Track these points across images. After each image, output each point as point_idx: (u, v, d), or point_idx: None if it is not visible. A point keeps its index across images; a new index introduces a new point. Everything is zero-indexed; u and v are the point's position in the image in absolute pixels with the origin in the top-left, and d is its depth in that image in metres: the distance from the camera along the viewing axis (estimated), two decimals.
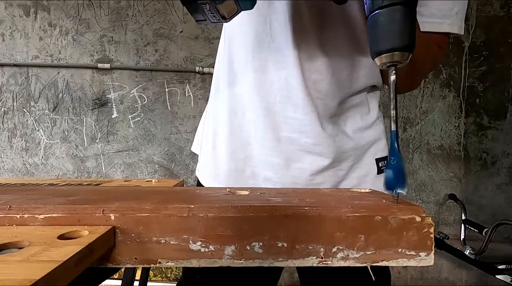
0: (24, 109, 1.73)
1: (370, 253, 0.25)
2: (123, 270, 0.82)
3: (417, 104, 1.74)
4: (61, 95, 1.72)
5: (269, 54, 0.49)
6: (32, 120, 1.73)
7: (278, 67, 0.49)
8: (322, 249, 0.25)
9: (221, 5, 0.33)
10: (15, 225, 0.24)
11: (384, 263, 0.25)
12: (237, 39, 0.53)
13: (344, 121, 0.53)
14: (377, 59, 0.29)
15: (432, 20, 0.46)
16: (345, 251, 0.25)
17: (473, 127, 1.73)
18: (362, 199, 0.30)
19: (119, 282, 0.72)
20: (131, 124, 1.74)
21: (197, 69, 1.69)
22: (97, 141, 1.74)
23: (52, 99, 1.72)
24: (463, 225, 1.55)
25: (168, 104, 1.73)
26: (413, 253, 0.25)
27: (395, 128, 0.28)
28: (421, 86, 1.72)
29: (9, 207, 0.25)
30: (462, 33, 0.47)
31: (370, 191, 0.36)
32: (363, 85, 0.52)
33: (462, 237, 1.55)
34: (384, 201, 0.29)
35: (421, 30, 0.46)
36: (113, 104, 1.73)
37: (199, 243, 0.24)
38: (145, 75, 1.73)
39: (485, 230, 1.39)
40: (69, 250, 0.19)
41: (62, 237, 0.22)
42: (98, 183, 0.54)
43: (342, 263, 0.25)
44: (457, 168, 1.74)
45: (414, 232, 0.25)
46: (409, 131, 1.75)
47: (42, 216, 0.24)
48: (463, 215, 1.57)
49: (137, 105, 1.74)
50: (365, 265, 0.25)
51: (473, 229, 1.49)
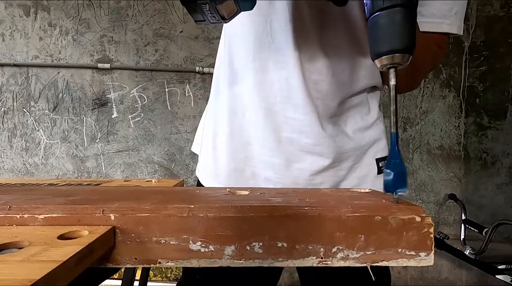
0: (24, 109, 1.73)
1: (370, 253, 0.25)
2: (123, 270, 0.82)
3: (417, 104, 1.74)
4: (61, 95, 1.72)
5: (269, 54, 0.49)
6: (32, 120, 1.73)
7: (278, 68, 0.49)
8: (322, 249, 0.25)
9: (221, 5, 0.33)
10: (15, 225, 0.24)
11: (384, 263, 0.25)
12: (238, 40, 0.53)
13: (344, 121, 0.53)
14: (377, 61, 0.29)
15: (431, 20, 0.46)
16: (345, 251, 0.25)
17: (473, 127, 1.73)
18: (362, 199, 0.30)
19: (119, 282, 0.72)
20: (131, 124, 1.74)
21: (197, 69, 1.69)
22: (97, 141, 1.74)
23: (52, 99, 1.72)
24: (463, 225, 1.55)
25: (168, 104, 1.73)
26: (413, 253, 0.25)
27: (395, 129, 0.28)
28: (421, 86, 1.72)
29: (9, 207, 0.25)
30: (461, 33, 0.47)
31: (370, 191, 0.36)
32: (363, 86, 0.52)
33: (462, 237, 1.55)
34: (384, 201, 0.29)
35: (421, 30, 0.46)
36: (113, 104, 1.73)
37: (199, 243, 0.24)
38: (145, 75, 1.73)
39: (485, 230, 1.39)
40: (69, 250, 0.19)
41: (62, 237, 0.22)
42: (98, 183, 0.54)
43: (342, 263, 0.25)
44: (457, 168, 1.74)
45: (414, 232, 0.25)
46: (409, 131, 1.75)
47: (42, 216, 0.24)
48: (463, 215, 1.57)
49: (137, 105, 1.74)
50: (365, 265, 0.25)
51: (473, 229, 1.49)
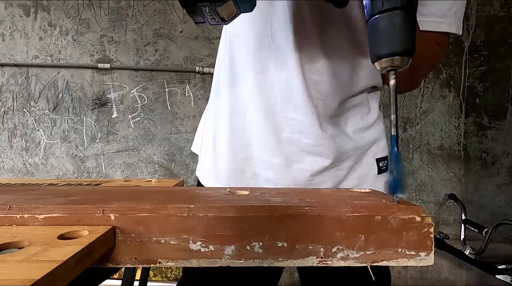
0: (24, 109, 1.73)
1: (370, 253, 0.25)
2: (123, 270, 0.82)
3: (417, 104, 1.74)
4: (61, 95, 1.72)
5: (269, 54, 0.49)
6: (32, 120, 1.73)
7: (279, 68, 0.49)
8: (322, 249, 0.25)
9: (220, 7, 0.33)
10: (15, 225, 0.24)
11: (384, 263, 0.25)
12: (238, 40, 0.53)
13: (344, 122, 0.53)
14: (377, 64, 0.29)
15: (430, 19, 0.46)
16: (345, 251, 0.25)
17: (473, 127, 1.73)
18: (362, 199, 0.30)
19: (119, 282, 0.72)
20: (131, 124, 1.74)
21: (197, 69, 1.69)
22: (97, 141, 1.74)
23: (52, 99, 1.72)
24: (463, 225, 1.55)
25: (168, 104, 1.73)
26: (413, 253, 0.25)
27: (395, 132, 0.28)
28: (421, 86, 1.72)
29: (9, 207, 0.25)
30: (460, 33, 0.47)
31: (370, 191, 0.36)
32: (363, 86, 0.52)
33: (462, 237, 1.55)
34: (384, 201, 0.29)
35: (420, 29, 0.46)
36: (113, 104, 1.73)
37: (199, 243, 0.24)
38: (145, 75, 1.73)
39: (485, 230, 1.39)
40: (69, 250, 0.19)
41: (62, 237, 0.22)
42: (98, 183, 0.54)
43: (342, 263, 0.25)
44: (457, 168, 1.74)
45: (414, 232, 0.25)
46: (409, 131, 1.75)
47: (42, 216, 0.24)
48: (463, 215, 1.57)
49: (137, 105, 1.74)
50: (365, 265, 0.25)
51: (473, 229, 1.49)
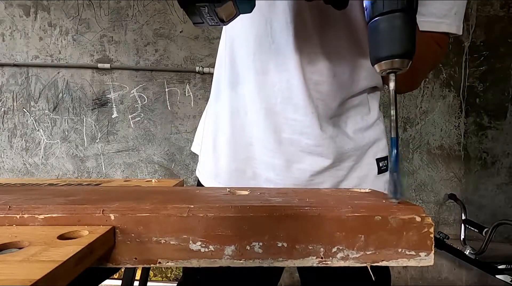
0: (24, 109, 1.73)
1: (370, 253, 0.25)
2: (123, 270, 0.82)
3: (417, 104, 1.74)
4: (61, 95, 1.72)
5: (270, 55, 0.49)
6: (32, 120, 1.73)
7: (279, 69, 0.49)
8: (322, 249, 0.25)
9: (220, 8, 0.33)
10: (15, 225, 0.24)
11: (384, 263, 0.25)
12: (238, 40, 0.53)
13: (344, 122, 0.53)
14: (376, 66, 0.29)
15: (431, 19, 0.46)
16: (345, 251, 0.25)
17: (473, 127, 1.73)
18: (362, 199, 0.30)
19: (119, 282, 0.72)
20: (131, 124, 1.74)
21: (197, 69, 1.69)
22: (97, 141, 1.74)
23: (52, 99, 1.72)
24: (463, 225, 1.55)
25: (168, 104, 1.73)
26: (413, 253, 0.25)
27: (395, 135, 0.28)
28: (421, 86, 1.72)
29: (9, 207, 0.25)
30: (460, 33, 0.47)
31: (370, 191, 0.36)
32: (364, 86, 0.52)
33: (462, 237, 1.55)
34: (384, 201, 0.29)
35: (420, 29, 0.46)
36: (113, 104, 1.73)
37: (199, 243, 0.24)
38: (145, 75, 1.73)
39: (485, 230, 1.39)
40: (69, 250, 0.19)
41: (62, 237, 0.22)
42: (98, 183, 0.54)
43: (342, 263, 0.25)
44: (457, 168, 1.74)
45: (414, 232, 0.25)
46: (409, 131, 1.75)
47: (42, 216, 0.24)
48: (463, 215, 1.57)
49: (137, 105, 1.74)
50: (365, 265, 0.25)
51: (473, 229, 1.49)
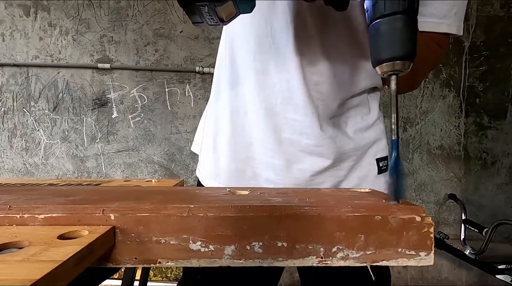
0: (24, 109, 1.73)
1: (370, 253, 0.25)
2: (123, 270, 0.82)
3: (417, 104, 1.74)
4: (61, 95, 1.72)
5: (270, 55, 0.49)
6: (32, 120, 1.73)
7: (279, 69, 0.49)
8: (322, 249, 0.25)
9: (220, 7, 0.33)
10: (15, 225, 0.24)
11: (384, 263, 0.25)
12: (239, 40, 0.53)
13: (344, 122, 0.53)
14: (378, 68, 0.29)
15: (431, 20, 0.46)
16: (345, 251, 0.25)
17: (473, 127, 1.73)
18: (362, 199, 0.30)
19: (119, 282, 0.72)
20: (131, 124, 1.74)
21: (197, 69, 1.69)
22: (97, 141, 1.74)
23: (52, 99, 1.72)
24: (463, 225, 1.55)
25: (168, 104, 1.73)
26: (413, 253, 0.25)
27: (396, 137, 0.28)
28: (421, 86, 1.72)
29: (9, 207, 0.25)
30: (460, 33, 0.47)
31: (370, 191, 0.36)
32: (364, 87, 0.52)
33: (462, 237, 1.55)
34: (384, 201, 0.29)
35: (420, 30, 0.46)
36: (113, 104, 1.73)
37: (199, 243, 0.24)
38: (145, 75, 1.73)
39: (485, 230, 1.39)
40: (69, 250, 0.19)
41: (62, 237, 0.22)
42: (98, 183, 0.54)
43: (342, 263, 0.25)
44: (457, 168, 1.74)
45: (414, 232, 0.25)
46: (409, 131, 1.75)
47: (42, 216, 0.24)
48: (463, 215, 1.57)
49: (137, 105, 1.74)
50: (365, 265, 0.25)
51: (473, 229, 1.49)
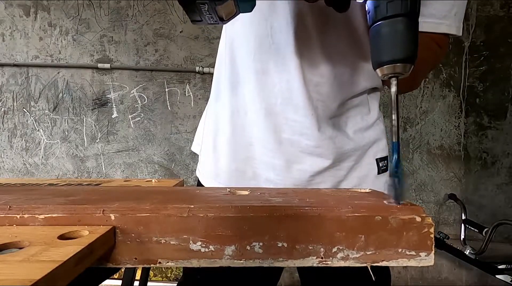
0: (24, 109, 1.73)
1: (370, 253, 0.25)
2: (123, 270, 0.82)
3: (417, 104, 1.74)
4: (61, 95, 1.72)
5: (270, 55, 0.49)
6: (32, 120, 1.73)
7: (279, 69, 0.49)
8: (322, 249, 0.25)
9: (220, 6, 0.32)
10: (15, 225, 0.24)
11: (384, 263, 0.25)
12: (239, 40, 0.53)
13: (344, 122, 0.53)
14: (378, 70, 0.29)
15: (430, 20, 0.46)
16: (345, 251, 0.25)
17: (473, 127, 1.73)
18: (362, 199, 0.30)
19: (119, 282, 0.72)
20: (131, 124, 1.74)
21: (197, 69, 1.69)
22: (97, 141, 1.74)
23: (52, 99, 1.72)
24: (463, 225, 1.55)
25: (168, 104, 1.73)
26: (413, 253, 0.25)
27: (396, 139, 0.28)
28: (421, 86, 1.72)
29: (9, 207, 0.25)
30: (460, 34, 0.47)
31: (370, 191, 0.36)
32: (364, 88, 0.52)
33: (462, 237, 1.55)
34: (384, 201, 0.29)
35: (420, 30, 0.46)
36: (113, 104, 1.73)
37: (199, 243, 0.24)
38: (145, 75, 1.73)
39: (485, 230, 1.39)
40: (69, 250, 0.19)
41: (62, 237, 0.22)
42: (98, 183, 0.54)
43: (342, 263, 0.25)
44: (457, 168, 1.74)
45: (414, 232, 0.25)
46: (409, 131, 1.75)
47: (42, 216, 0.24)
48: (463, 215, 1.57)
49: (137, 105, 1.74)
50: (365, 265, 0.25)
51: (473, 229, 1.49)
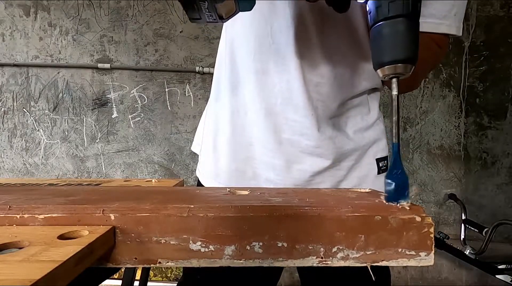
0: (24, 109, 1.73)
1: (370, 253, 0.25)
2: (123, 270, 0.82)
3: (417, 104, 1.74)
4: (61, 95, 1.72)
5: (270, 55, 0.49)
6: (32, 120, 1.73)
7: (279, 69, 0.49)
8: (322, 249, 0.25)
9: (220, 4, 0.32)
10: (15, 225, 0.24)
11: (384, 263, 0.25)
12: (239, 40, 0.53)
13: (344, 122, 0.53)
14: (379, 71, 0.29)
15: (430, 20, 0.46)
16: (345, 251, 0.25)
17: (473, 127, 1.73)
18: (362, 199, 0.30)
19: (119, 282, 0.72)
20: (131, 124, 1.74)
21: (197, 69, 1.69)
22: (97, 141, 1.74)
23: (52, 99, 1.72)
24: (463, 225, 1.55)
25: (168, 104, 1.73)
26: (413, 253, 0.25)
27: (397, 140, 0.28)
28: (421, 86, 1.72)
29: (9, 207, 0.25)
30: (460, 34, 0.47)
31: (370, 191, 0.36)
32: (364, 88, 0.52)
33: (462, 237, 1.55)
34: (385, 202, 0.29)
35: (420, 30, 0.46)
36: (113, 104, 1.73)
37: (199, 243, 0.24)
38: (145, 75, 1.73)
39: (485, 230, 1.39)
40: (69, 250, 0.19)
41: (62, 237, 0.22)
42: (98, 183, 0.54)
43: (342, 263, 0.25)
44: (457, 168, 1.74)
45: (414, 232, 0.25)
46: (409, 131, 1.75)
47: (42, 216, 0.24)
48: (463, 215, 1.57)
49: (137, 105, 1.74)
50: (365, 265, 0.25)
51: (473, 229, 1.49)
